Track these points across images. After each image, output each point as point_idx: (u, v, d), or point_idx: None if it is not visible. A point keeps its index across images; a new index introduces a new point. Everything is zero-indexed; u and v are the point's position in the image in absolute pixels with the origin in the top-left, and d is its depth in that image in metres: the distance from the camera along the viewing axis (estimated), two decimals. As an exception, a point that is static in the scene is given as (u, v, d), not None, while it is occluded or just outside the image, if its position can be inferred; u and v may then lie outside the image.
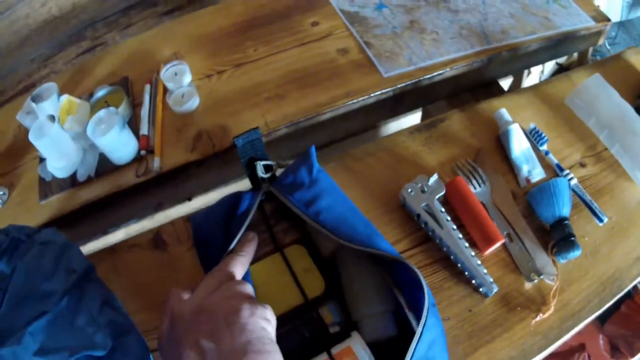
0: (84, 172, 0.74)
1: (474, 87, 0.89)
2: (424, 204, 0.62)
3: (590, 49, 1.06)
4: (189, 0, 1.14)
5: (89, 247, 0.80)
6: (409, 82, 0.79)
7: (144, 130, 0.76)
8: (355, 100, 0.77)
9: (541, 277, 0.61)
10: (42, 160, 0.76)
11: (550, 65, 1.22)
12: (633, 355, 1.03)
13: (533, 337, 0.58)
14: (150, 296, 0.59)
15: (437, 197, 0.63)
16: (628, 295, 1.08)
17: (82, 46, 1.08)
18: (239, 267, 0.50)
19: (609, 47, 1.58)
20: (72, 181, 0.73)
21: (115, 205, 0.74)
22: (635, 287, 1.10)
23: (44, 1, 1.03)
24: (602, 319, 1.10)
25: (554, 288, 0.60)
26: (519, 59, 0.88)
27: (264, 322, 0.42)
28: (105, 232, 0.84)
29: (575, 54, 1.15)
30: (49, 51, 1.07)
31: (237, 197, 0.60)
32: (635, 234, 0.68)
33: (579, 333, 0.62)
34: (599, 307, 0.62)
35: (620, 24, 1.66)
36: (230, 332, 0.39)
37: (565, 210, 0.64)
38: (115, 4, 1.12)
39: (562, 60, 1.22)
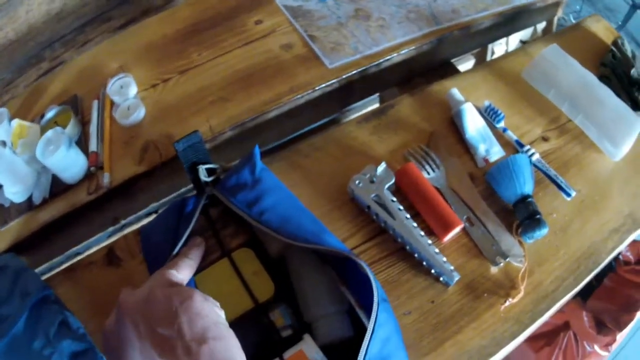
0: (39, 195, 0.73)
1: (427, 70, 0.86)
2: (373, 195, 0.59)
3: (555, 24, 1.04)
4: (143, 12, 1.12)
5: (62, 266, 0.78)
6: (354, 72, 0.76)
7: (92, 146, 0.75)
8: (300, 95, 0.74)
9: (507, 259, 0.58)
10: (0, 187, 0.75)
11: (514, 44, 1.19)
12: (620, 329, 1.00)
13: (504, 323, 0.55)
14: (109, 314, 0.56)
15: (386, 186, 0.59)
16: (610, 268, 1.05)
17: (41, 68, 1.06)
18: (186, 270, 0.48)
19: (573, 21, 1.56)
20: (28, 205, 0.72)
21: (73, 224, 0.73)
22: (617, 259, 1.07)
23: (0, 26, 1.01)
24: (584, 296, 1.07)
25: (522, 270, 0.57)
26: (472, 37, 0.85)
27: (217, 309, 0.41)
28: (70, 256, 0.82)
29: (540, 31, 1.12)
30: (9, 76, 1.06)
31: (182, 203, 0.58)
32: (608, 206, 0.65)
33: (562, 311, 0.59)
34: (574, 285, 0.59)
35: (585, -4, 1.64)
36: (187, 318, 0.38)
37: (527, 188, 0.60)
38: (71, 23, 1.11)
39: (526, 37, 1.19)
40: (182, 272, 0.48)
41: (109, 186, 0.70)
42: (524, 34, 1.22)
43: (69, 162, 0.71)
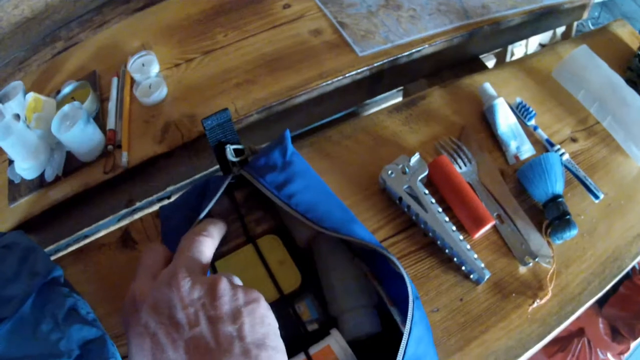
0: (51, 172, 0.71)
1: (455, 64, 0.85)
2: (405, 186, 0.57)
3: (574, 29, 1.03)
4: (161, -6, 1.10)
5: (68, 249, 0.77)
6: (385, 61, 0.75)
7: (111, 124, 0.73)
8: (329, 82, 0.72)
9: (536, 260, 0.57)
10: (10, 162, 0.73)
11: (533, 47, 1.18)
12: (635, 337, 1.00)
13: (531, 324, 0.54)
14: (121, 298, 0.53)
15: (419, 178, 0.58)
16: (627, 276, 1.05)
17: (56, 47, 1.05)
18: (215, 233, 0.45)
19: (592, 27, 1.55)
20: (40, 182, 0.71)
21: (85, 204, 0.71)
22: (633, 267, 1.07)
23: (17, 3, 0.99)
24: (600, 302, 1.07)
25: (551, 271, 0.56)
26: (501, 34, 0.84)
27: (275, 321, 0.38)
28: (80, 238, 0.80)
29: (559, 35, 1.12)
30: (23, 54, 1.04)
31: (205, 183, 0.56)
32: (634, 210, 0.64)
33: (577, 318, 0.58)
34: (599, 289, 0.58)
35: (603, 4, 1.64)
36: (251, 320, 0.35)
37: (558, 187, 0.59)
38: (88, 3, 1.09)
39: (545, 41, 1.19)
40: (213, 239, 0.44)
41: (126, 166, 0.69)
42: (543, 37, 1.22)
43: (85, 138, 0.69)
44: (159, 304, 0.36)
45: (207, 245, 0.43)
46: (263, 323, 0.36)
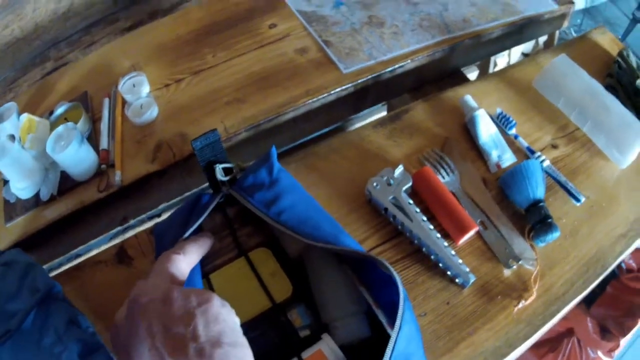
0: (47, 191, 0.72)
1: (438, 78, 0.87)
2: (391, 197, 0.60)
3: (557, 37, 1.06)
4: (150, 14, 1.12)
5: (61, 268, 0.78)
6: (369, 77, 0.77)
7: (103, 144, 0.75)
8: (315, 99, 0.75)
9: (520, 262, 0.59)
10: (6, 182, 0.74)
11: (516, 56, 1.21)
12: (624, 334, 1.01)
13: (517, 325, 0.56)
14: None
15: (404, 188, 0.60)
16: (613, 275, 1.06)
17: (46, 67, 1.06)
18: (193, 255, 0.49)
19: (574, 34, 1.58)
20: (35, 201, 0.72)
21: (80, 222, 0.72)
22: (619, 266, 1.08)
23: (7, 23, 1.01)
24: (588, 303, 1.08)
25: (535, 273, 0.58)
26: (482, 46, 0.87)
27: (234, 316, 0.39)
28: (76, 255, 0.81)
29: (542, 44, 1.14)
30: (12, 74, 1.05)
31: (196, 199, 0.58)
32: (616, 212, 0.66)
33: (566, 318, 0.60)
34: (583, 289, 0.60)
35: (586, 11, 1.67)
36: (204, 320, 0.36)
37: (539, 192, 0.61)
38: (77, 23, 1.11)
39: (528, 50, 1.22)
40: (189, 256, 0.47)
41: (120, 184, 0.70)
42: (526, 47, 1.24)
43: (80, 158, 0.70)
44: (130, 323, 0.39)
45: (178, 263, 0.45)
46: (217, 320, 0.37)
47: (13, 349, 0.41)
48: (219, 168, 0.57)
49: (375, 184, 0.61)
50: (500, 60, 1.16)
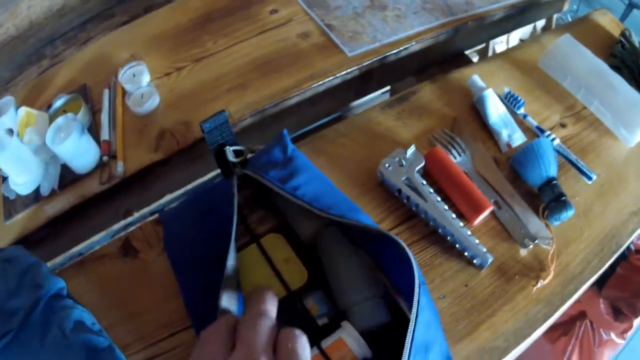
0: (47, 186, 0.71)
1: (442, 60, 0.87)
2: (404, 178, 0.58)
3: (554, 23, 1.06)
4: (145, 9, 1.10)
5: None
6: (374, 59, 0.76)
7: (104, 135, 0.73)
8: (321, 82, 0.73)
9: (536, 242, 0.58)
10: (5, 179, 0.73)
11: (514, 42, 1.21)
12: (636, 315, 1.01)
13: (536, 305, 0.55)
14: (126, 308, 0.54)
15: (416, 169, 0.59)
16: (623, 257, 1.06)
17: (42, 65, 1.04)
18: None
19: (570, 20, 1.58)
20: (36, 197, 0.70)
21: (82, 216, 0.71)
22: (628, 247, 1.08)
23: (1, 22, 0.99)
24: (599, 284, 1.08)
25: (551, 252, 0.57)
26: (485, 29, 0.86)
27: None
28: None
29: (539, 30, 1.14)
30: (9, 74, 1.03)
31: (210, 190, 0.56)
32: (627, 190, 0.66)
33: (578, 301, 0.59)
34: (599, 267, 0.59)
35: (582, -3, 1.68)
36: None
37: (552, 170, 0.60)
38: (72, 19, 1.09)
39: (525, 36, 1.21)
40: (272, 315, 0.38)
41: (122, 175, 0.69)
42: (524, 32, 1.24)
43: (81, 150, 0.69)
44: None
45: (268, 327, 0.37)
46: None
47: (15, 348, 0.40)
48: (229, 150, 0.55)
49: (387, 164, 0.59)
50: (499, 47, 1.16)
